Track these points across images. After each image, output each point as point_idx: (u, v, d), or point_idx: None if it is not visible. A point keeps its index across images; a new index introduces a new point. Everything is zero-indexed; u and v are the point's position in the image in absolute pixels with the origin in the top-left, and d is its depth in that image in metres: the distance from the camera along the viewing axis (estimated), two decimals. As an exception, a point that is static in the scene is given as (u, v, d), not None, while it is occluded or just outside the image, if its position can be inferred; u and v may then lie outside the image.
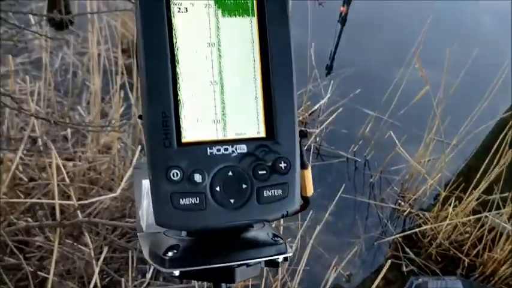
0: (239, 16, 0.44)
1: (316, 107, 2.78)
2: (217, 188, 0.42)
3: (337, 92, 2.82)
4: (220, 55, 0.43)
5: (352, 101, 2.77)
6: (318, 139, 2.65)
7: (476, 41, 3.10)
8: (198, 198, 0.42)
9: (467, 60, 2.18)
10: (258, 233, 0.47)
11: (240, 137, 0.43)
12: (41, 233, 1.69)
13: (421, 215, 2.23)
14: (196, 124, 0.43)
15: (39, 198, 1.72)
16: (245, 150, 0.43)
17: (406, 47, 2.40)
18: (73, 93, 2.44)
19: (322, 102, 2.76)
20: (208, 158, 0.42)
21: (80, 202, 1.47)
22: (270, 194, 0.43)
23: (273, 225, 1.37)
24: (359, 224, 2.28)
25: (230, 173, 0.42)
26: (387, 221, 2.29)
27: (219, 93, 0.43)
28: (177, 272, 0.44)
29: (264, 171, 0.43)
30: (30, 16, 2.28)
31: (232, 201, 0.42)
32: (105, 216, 1.68)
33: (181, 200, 0.41)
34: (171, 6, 0.42)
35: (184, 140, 0.42)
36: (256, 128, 0.44)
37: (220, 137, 0.43)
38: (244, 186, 0.43)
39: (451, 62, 2.05)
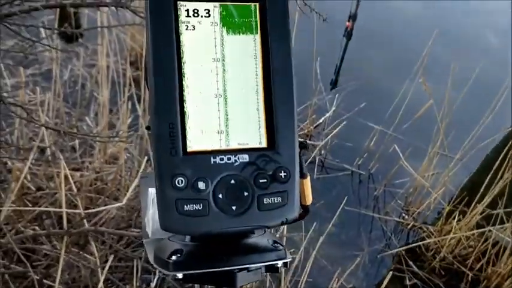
0: (243, 34, 0.46)
1: (321, 120, 2.80)
2: (220, 195, 0.45)
3: (342, 106, 2.85)
4: (224, 70, 0.46)
5: (357, 115, 2.79)
6: (322, 152, 2.67)
7: (481, 56, 3.12)
8: (201, 205, 0.44)
9: (472, 75, 2.20)
10: (259, 239, 0.50)
11: (243, 147, 0.46)
12: (48, 242, 1.72)
13: (425, 229, 2.24)
14: (201, 134, 0.45)
15: (46, 207, 1.74)
16: (247, 160, 0.45)
17: (412, 61, 2.42)
18: (81, 105, 2.48)
19: (327, 115, 2.78)
20: (211, 167, 0.45)
21: (86, 211, 1.49)
22: (270, 202, 0.46)
23: (278, 237, 1.39)
24: (363, 237, 2.29)
25: (232, 181, 0.45)
26: (391, 234, 2.30)
27: (223, 106, 0.46)
28: (180, 275, 0.46)
29: (265, 180, 0.45)
30: (42, 29, 2.33)
31: (234, 207, 0.45)
32: (111, 226, 1.70)
33: (185, 206, 0.44)
34: (180, 24, 0.45)
35: (189, 149, 0.44)
36: (258, 139, 0.46)
37: (224, 147, 0.46)
38: (245, 193, 0.45)
39: (456, 76, 2.07)
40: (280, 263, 0.49)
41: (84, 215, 1.43)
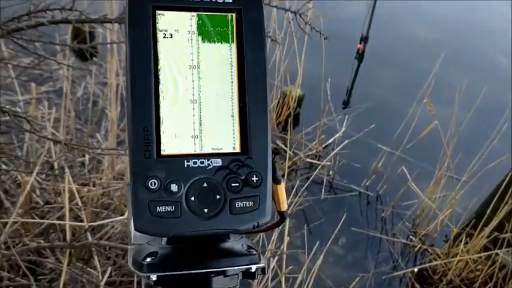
0: (219, 42, 0.48)
1: (330, 141, 2.80)
2: (192, 198, 0.45)
3: (352, 126, 2.85)
4: (200, 77, 0.47)
5: (366, 136, 2.79)
6: (330, 172, 2.67)
7: (491, 77, 3.11)
8: (173, 207, 0.45)
9: (479, 97, 2.20)
10: (234, 244, 0.50)
11: (216, 151, 0.47)
12: (53, 255, 1.73)
13: (432, 251, 2.22)
14: (175, 139, 0.46)
15: (52, 221, 1.76)
16: (220, 164, 0.46)
17: (421, 82, 2.43)
18: (92, 121, 2.52)
19: (336, 136, 2.79)
20: (185, 170, 0.46)
21: (90, 224, 1.51)
22: (242, 205, 0.46)
23: (282, 254, 1.38)
24: (370, 258, 2.27)
25: (205, 184, 0.46)
26: (398, 256, 2.28)
27: (198, 111, 0.47)
28: (154, 277, 0.47)
29: (237, 184, 0.46)
30: (57, 48, 2.39)
31: (206, 210, 0.46)
32: (115, 240, 1.72)
33: (158, 207, 0.45)
34: (157, 32, 0.46)
35: (163, 152, 0.46)
36: (232, 144, 0.47)
37: (198, 151, 0.47)
38: (217, 197, 0.46)
39: (464, 97, 2.07)
40: (254, 268, 0.49)
41: (88, 228, 1.45)
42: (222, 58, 0.48)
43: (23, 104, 2.40)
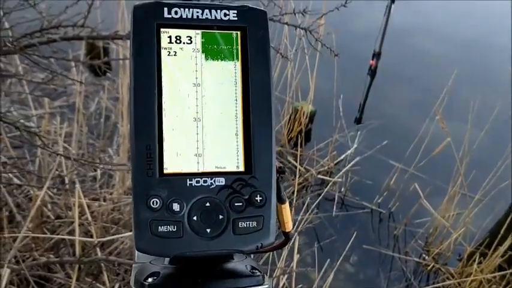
0: (224, 60, 0.48)
1: (342, 157, 2.79)
2: (195, 218, 0.45)
3: (364, 143, 2.83)
4: (204, 95, 0.47)
5: (378, 152, 2.77)
6: (342, 189, 2.65)
7: (503, 94, 3.07)
8: (175, 226, 0.44)
9: (493, 114, 2.17)
10: (237, 264, 0.49)
11: (220, 170, 0.46)
12: (62, 270, 1.73)
13: (445, 270, 2.18)
14: (178, 157, 0.46)
15: (62, 236, 1.77)
16: (223, 183, 0.46)
17: (434, 99, 2.41)
18: (104, 136, 2.53)
19: (348, 152, 2.77)
20: (187, 189, 0.45)
21: (99, 239, 1.51)
22: (245, 226, 0.45)
23: (292, 272, 1.36)
24: (381, 277, 2.24)
25: (208, 204, 0.45)
26: (411, 275, 2.24)
27: (202, 129, 0.46)
28: (155, 297, 0.46)
29: (240, 204, 0.45)
30: (72, 63, 2.41)
31: (208, 230, 0.45)
32: (124, 256, 1.71)
33: (159, 227, 0.44)
34: (161, 50, 0.46)
35: (166, 171, 0.45)
36: (235, 163, 0.47)
37: (201, 170, 0.46)
38: (220, 216, 0.45)
39: (477, 115, 2.05)
40: (256, 290, 0.48)
41: (97, 243, 1.44)
42: (226, 76, 0.48)
43: (36, 118, 2.42)
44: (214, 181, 0.46)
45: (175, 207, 0.44)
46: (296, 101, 2.84)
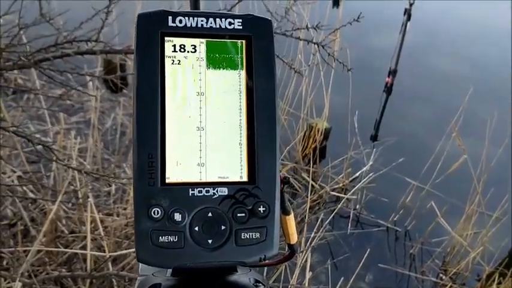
0: (228, 69, 0.47)
1: (357, 174, 2.76)
2: (196, 228, 0.44)
3: (380, 160, 2.80)
4: (208, 104, 0.46)
5: (394, 170, 2.73)
6: (357, 207, 2.61)
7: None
8: (176, 237, 0.43)
9: (510, 131, 2.14)
10: (241, 277, 0.48)
11: (222, 180, 0.46)
12: (74, 284, 1.73)
13: (463, 291, 2.13)
14: (181, 166, 0.45)
15: (75, 250, 1.77)
16: (226, 193, 0.45)
17: (450, 116, 2.38)
18: (119, 152, 2.54)
19: (364, 169, 2.74)
20: (189, 199, 0.44)
21: (111, 254, 1.50)
22: (248, 237, 0.44)
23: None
24: (398, 297, 2.20)
25: (210, 214, 0.44)
26: (427, 295, 2.20)
27: (205, 139, 0.46)
28: (156, 309, 0.45)
29: (243, 214, 0.45)
30: (87, 79, 2.44)
31: (210, 241, 0.44)
32: (136, 271, 1.70)
33: (160, 237, 0.43)
34: (165, 58, 0.46)
35: (168, 180, 0.44)
36: (239, 173, 0.46)
37: (203, 180, 0.45)
38: (222, 227, 0.44)
39: (494, 132, 2.02)
40: (259, 303, 0.47)
41: (109, 258, 1.44)
42: (230, 85, 0.47)
43: (52, 133, 2.45)
44: (217, 191, 0.45)
45: (177, 217, 0.44)
46: (311, 117, 2.83)
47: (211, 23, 0.47)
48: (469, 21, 4.88)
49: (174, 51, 0.46)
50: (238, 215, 0.45)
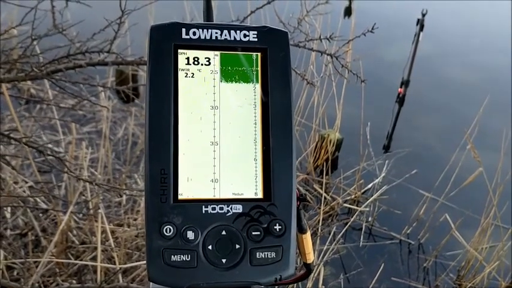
0: (243, 82, 0.46)
1: (369, 186, 2.73)
2: (210, 247, 0.42)
3: (393, 172, 2.77)
4: (222, 118, 0.45)
5: (407, 181, 2.70)
6: (370, 219, 2.58)
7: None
8: (189, 256, 0.42)
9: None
10: (255, 297, 0.47)
11: (237, 197, 0.44)
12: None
13: (479, 306, 2.09)
14: (194, 182, 0.44)
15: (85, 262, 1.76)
16: (240, 210, 0.43)
17: (464, 127, 2.35)
18: (130, 162, 2.54)
19: (376, 181, 2.71)
20: (202, 216, 0.43)
21: (121, 265, 1.49)
22: (263, 256, 0.43)
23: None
24: (411, 311, 2.16)
25: (224, 232, 0.43)
26: (442, 310, 2.16)
27: (218, 154, 0.44)
28: (166, 331, 0.44)
29: (258, 233, 0.43)
30: (99, 90, 2.45)
31: (224, 260, 0.42)
32: (146, 283, 1.69)
33: (172, 256, 0.42)
34: (178, 71, 0.45)
35: (180, 197, 0.43)
36: (253, 189, 0.45)
37: (217, 196, 0.44)
38: (237, 246, 0.43)
39: (510, 143, 1.99)
40: (274, 325, 0.46)
41: (119, 270, 1.43)
42: (245, 99, 0.46)
43: (64, 143, 2.45)
44: (231, 208, 0.43)
45: (190, 235, 0.42)
46: (323, 128, 2.81)
47: (225, 35, 0.46)
48: (482, 31, 4.85)
49: (188, 63, 0.45)
50: (253, 233, 0.43)
